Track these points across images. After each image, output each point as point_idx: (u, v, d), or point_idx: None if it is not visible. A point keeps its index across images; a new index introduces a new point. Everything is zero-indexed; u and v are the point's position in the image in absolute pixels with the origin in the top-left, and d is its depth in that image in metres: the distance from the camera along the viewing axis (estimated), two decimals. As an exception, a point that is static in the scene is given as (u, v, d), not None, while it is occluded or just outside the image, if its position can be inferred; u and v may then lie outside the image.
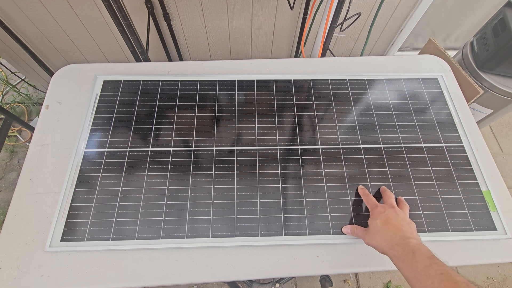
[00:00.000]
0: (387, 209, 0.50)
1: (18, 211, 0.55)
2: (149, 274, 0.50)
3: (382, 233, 0.46)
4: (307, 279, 1.24)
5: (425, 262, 0.38)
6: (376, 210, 0.51)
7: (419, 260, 0.39)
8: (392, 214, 0.49)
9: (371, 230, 0.49)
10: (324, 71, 0.73)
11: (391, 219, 0.48)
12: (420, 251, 0.40)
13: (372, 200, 0.54)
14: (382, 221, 0.48)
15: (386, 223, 0.47)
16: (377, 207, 0.51)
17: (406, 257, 0.41)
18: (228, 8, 1.18)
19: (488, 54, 1.10)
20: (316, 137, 0.64)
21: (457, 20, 1.54)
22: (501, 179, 0.60)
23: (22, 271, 0.50)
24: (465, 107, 0.69)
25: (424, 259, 0.39)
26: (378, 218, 0.49)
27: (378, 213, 0.50)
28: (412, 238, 0.43)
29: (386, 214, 0.49)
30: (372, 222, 0.50)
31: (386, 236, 0.46)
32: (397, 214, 0.49)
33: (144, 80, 0.70)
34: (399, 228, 0.46)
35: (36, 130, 0.63)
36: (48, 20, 1.15)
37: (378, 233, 0.47)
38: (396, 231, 0.45)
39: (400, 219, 0.48)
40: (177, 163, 0.60)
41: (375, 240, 0.47)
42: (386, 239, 0.45)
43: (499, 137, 1.63)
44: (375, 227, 0.48)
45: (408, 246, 0.42)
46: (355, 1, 1.19)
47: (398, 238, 0.44)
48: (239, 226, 0.54)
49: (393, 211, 0.49)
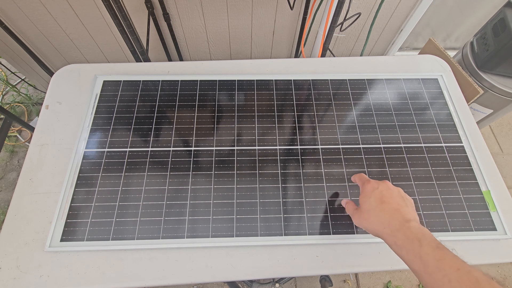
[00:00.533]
0: (380, 184, 0.43)
1: (18, 211, 0.55)
2: (149, 274, 0.50)
3: (377, 214, 0.41)
4: (307, 279, 1.24)
5: (436, 255, 0.33)
6: (369, 185, 0.44)
7: (428, 252, 0.34)
8: (387, 190, 0.42)
9: (363, 210, 0.43)
10: (324, 71, 0.73)
11: (386, 196, 0.41)
12: (426, 239, 0.35)
13: (363, 175, 0.48)
14: (376, 199, 0.42)
15: (381, 202, 0.41)
16: (370, 182, 0.44)
17: (411, 246, 0.35)
18: (228, 8, 1.18)
19: (488, 54, 1.10)
20: (316, 137, 0.64)
21: (457, 20, 1.54)
22: (501, 179, 0.60)
23: (22, 271, 0.50)
24: (465, 107, 0.69)
25: (434, 250, 0.34)
26: (371, 195, 0.42)
27: (371, 189, 0.43)
28: (412, 221, 0.38)
29: (380, 190, 0.42)
30: (364, 200, 0.43)
31: (383, 218, 0.40)
32: (392, 190, 0.43)
33: (144, 80, 0.70)
34: (396, 208, 0.40)
35: (36, 130, 0.63)
36: (48, 20, 1.15)
37: (372, 214, 0.41)
38: (394, 213, 0.40)
39: (396, 195, 0.42)
40: (177, 163, 0.60)
41: (368, 222, 0.42)
42: (382, 222, 0.40)
43: (499, 137, 1.63)
44: (368, 206, 0.42)
45: (411, 233, 0.36)
46: (355, 1, 1.19)
47: (398, 222, 0.38)
48: (239, 226, 0.54)
49: (386, 186, 0.43)
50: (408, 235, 0.36)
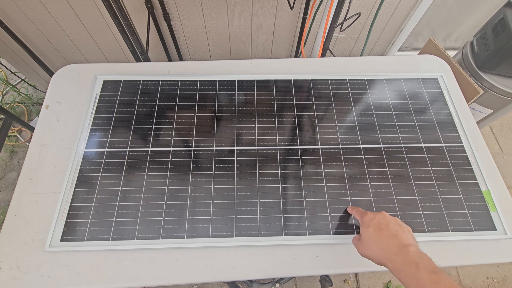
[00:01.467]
0: (377, 215, 0.47)
1: (18, 211, 0.55)
2: (149, 274, 0.50)
3: (377, 242, 0.43)
4: (307, 279, 1.24)
5: (431, 278, 0.35)
6: (366, 217, 0.47)
7: (424, 275, 0.36)
8: (383, 219, 0.45)
9: (364, 239, 0.45)
10: (324, 71, 0.73)
11: (384, 224, 0.44)
12: (423, 263, 0.37)
13: (360, 209, 0.51)
14: (374, 228, 0.44)
15: (379, 230, 0.44)
16: (367, 214, 0.48)
17: (409, 271, 0.37)
18: (228, 8, 1.18)
19: (488, 54, 1.10)
20: (316, 137, 0.64)
21: (457, 20, 1.54)
22: (501, 179, 0.60)
23: (22, 271, 0.50)
24: (465, 107, 0.69)
25: (430, 274, 0.36)
26: (369, 225, 0.45)
27: (368, 220, 0.46)
28: (410, 246, 0.40)
29: (377, 220, 0.45)
30: (364, 231, 0.46)
31: (381, 244, 0.42)
32: (389, 219, 0.45)
33: (144, 80, 0.70)
34: (394, 234, 0.42)
35: (36, 130, 0.63)
36: (48, 20, 1.15)
37: (372, 242, 0.44)
38: (391, 238, 0.42)
39: (393, 223, 0.45)
40: (177, 163, 0.60)
41: (369, 250, 0.44)
42: (382, 248, 0.42)
43: (499, 137, 1.63)
44: (367, 235, 0.45)
45: (409, 257, 0.38)
46: (355, 1, 1.19)
47: (396, 247, 0.41)
48: (239, 226, 0.54)
49: (383, 216, 0.46)
50: (406, 260, 0.39)
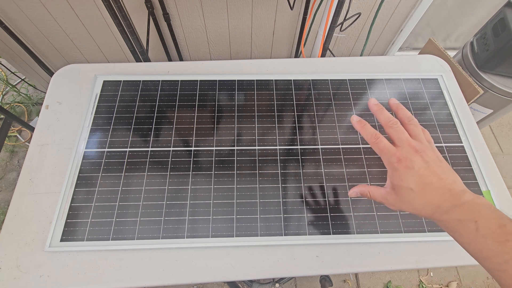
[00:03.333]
0: (411, 159, 0.35)
1: (18, 211, 0.55)
2: (149, 274, 0.50)
3: (422, 199, 0.34)
4: (307, 279, 1.24)
5: (496, 236, 0.29)
6: (401, 165, 0.35)
7: (486, 233, 0.29)
8: (423, 166, 0.34)
9: (403, 196, 0.36)
10: (324, 71, 0.73)
11: (426, 174, 0.34)
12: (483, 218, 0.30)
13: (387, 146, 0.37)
14: (416, 182, 0.34)
15: (423, 184, 0.34)
16: (400, 160, 0.35)
17: (466, 229, 0.31)
18: (228, 8, 1.18)
19: (488, 54, 1.10)
20: (316, 137, 0.64)
21: (457, 20, 1.54)
22: (501, 179, 0.60)
23: (22, 271, 0.50)
24: (465, 107, 0.69)
25: (493, 231, 0.29)
26: (409, 179, 0.35)
27: (405, 169, 0.35)
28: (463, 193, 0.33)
29: (417, 169, 0.34)
30: (400, 184, 0.35)
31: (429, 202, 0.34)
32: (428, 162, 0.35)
33: (144, 80, 0.70)
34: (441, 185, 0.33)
35: (36, 130, 0.63)
36: (48, 20, 1.15)
37: (416, 201, 0.35)
38: (442, 193, 0.33)
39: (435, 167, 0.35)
40: (177, 163, 0.60)
41: (412, 209, 0.35)
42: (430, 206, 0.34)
43: (499, 137, 1.63)
44: (408, 192, 0.35)
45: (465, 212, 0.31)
46: (355, 1, 1.19)
47: (449, 203, 0.33)
48: (239, 226, 0.54)
49: (421, 159, 0.35)
50: (461, 217, 0.31)
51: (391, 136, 0.39)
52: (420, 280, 1.26)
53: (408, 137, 0.37)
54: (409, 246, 0.53)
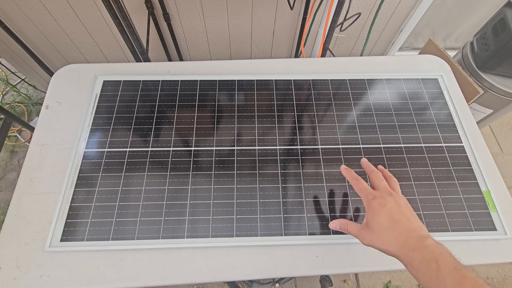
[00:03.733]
0: (386, 199, 0.41)
1: (18, 211, 0.55)
2: (149, 274, 0.50)
3: (391, 234, 0.39)
4: (307, 279, 1.24)
5: (454, 277, 0.32)
6: (375, 202, 0.41)
7: (446, 273, 0.32)
8: (395, 206, 0.40)
9: (374, 229, 0.40)
10: (324, 71, 0.73)
11: (396, 213, 0.40)
12: (444, 259, 0.34)
13: (366, 187, 0.44)
14: (387, 218, 0.39)
15: (393, 221, 0.39)
16: (375, 198, 0.42)
17: (428, 268, 0.34)
18: (228, 8, 1.18)
19: (488, 54, 1.10)
20: (316, 137, 0.64)
21: (457, 20, 1.54)
22: (501, 179, 0.60)
23: (22, 271, 0.50)
24: (465, 107, 0.69)
25: (452, 271, 0.32)
26: (381, 214, 0.40)
27: (379, 206, 0.41)
28: (427, 238, 0.37)
29: (389, 207, 0.40)
30: (373, 219, 0.41)
31: (397, 238, 0.38)
32: (400, 205, 0.41)
33: (144, 80, 0.70)
34: (408, 225, 0.39)
35: (36, 130, 0.63)
36: (48, 20, 1.15)
37: (385, 235, 0.39)
38: (408, 231, 0.38)
39: (405, 209, 0.40)
40: (177, 163, 0.60)
41: (382, 243, 0.40)
42: (398, 242, 0.38)
43: (499, 137, 1.63)
44: (379, 226, 0.40)
45: (428, 253, 0.35)
46: (355, 1, 1.19)
47: (414, 240, 0.37)
48: (239, 226, 0.54)
49: (393, 200, 0.41)
50: (425, 256, 0.35)
51: (372, 181, 0.46)
52: (420, 280, 1.26)
53: (386, 184, 0.44)
54: (409, 246, 0.53)
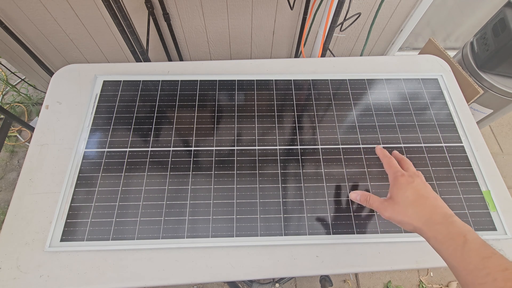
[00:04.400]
0: (415, 178, 0.42)
1: (18, 211, 0.55)
2: (149, 274, 0.50)
3: (416, 208, 0.39)
4: (307, 279, 1.24)
5: (481, 252, 0.31)
6: (403, 178, 0.42)
7: (472, 248, 0.32)
8: (422, 185, 0.42)
9: (399, 202, 0.41)
10: (324, 71, 0.73)
11: (423, 190, 0.41)
12: (471, 236, 0.33)
13: (396, 165, 0.46)
14: (413, 193, 0.40)
15: (420, 196, 0.40)
16: (403, 175, 0.43)
17: (454, 242, 0.34)
18: (228, 8, 1.18)
19: (488, 54, 1.10)
20: (316, 137, 0.64)
21: (457, 20, 1.54)
22: (501, 179, 0.60)
23: (22, 271, 0.50)
24: (465, 107, 0.69)
25: (479, 247, 0.32)
26: (407, 188, 0.41)
27: (406, 182, 0.42)
28: (454, 216, 0.37)
29: (416, 185, 0.41)
30: (399, 193, 0.41)
31: (423, 212, 0.38)
32: (427, 185, 0.42)
33: (144, 80, 0.70)
34: (436, 204, 0.39)
35: (36, 130, 0.63)
36: (48, 20, 1.15)
37: (410, 207, 0.39)
38: (435, 208, 0.38)
39: (430, 190, 0.41)
40: (177, 163, 0.60)
41: (404, 216, 0.39)
42: (423, 215, 0.38)
43: (499, 137, 1.63)
44: (404, 199, 0.40)
45: (455, 228, 0.35)
46: (355, 1, 1.19)
47: (440, 216, 0.37)
48: (239, 226, 0.54)
49: (421, 180, 0.42)
50: (451, 230, 0.35)
51: (402, 165, 0.47)
52: (420, 280, 1.26)
53: (415, 170, 0.46)
54: (409, 246, 0.53)
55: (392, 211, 0.41)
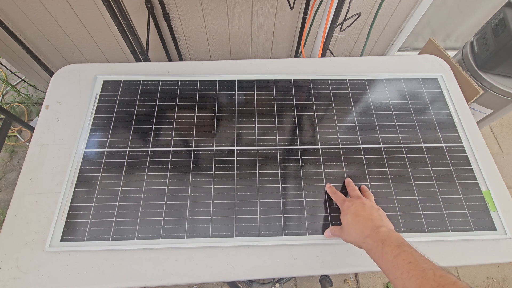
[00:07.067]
0: (354, 201, 0.50)
1: (18, 211, 0.55)
2: (149, 274, 0.50)
3: (354, 227, 0.46)
4: (307, 279, 1.24)
5: (393, 252, 0.38)
6: (345, 205, 0.50)
7: (388, 250, 0.38)
8: (359, 205, 0.48)
9: (344, 226, 0.48)
10: (324, 71, 0.73)
11: (359, 210, 0.47)
12: (389, 240, 0.40)
13: (340, 196, 0.54)
14: (351, 214, 0.47)
15: (356, 216, 0.47)
16: (345, 202, 0.51)
17: (377, 248, 0.40)
18: (228, 8, 1.18)
19: (488, 54, 1.10)
20: (316, 137, 0.64)
21: (457, 20, 1.54)
22: (501, 179, 0.60)
23: (22, 271, 0.50)
24: (465, 107, 0.69)
25: (393, 248, 0.38)
26: (348, 213, 0.48)
27: (346, 207, 0.49)
28: (382, 227, 0.43)
29: (355, 206, 0.48)
30: (343, 218, 0.49)
31: (358, 229, 0.45)
32: (364, 204, 0.48)
33: (144, 80, 0.70)
34: (368, 218, 0.45)
35: (36, 130, 0.63)
36: (48, 20, 1.15)
37: (351, 228, 0.46)
38: (366, 222, 0.45)
39: (368, 208, 0.48)
40: (177, 163, 0.60)
41: (349, 236, 0.46)
42: (358, 232, 0.45)
43: (499, 137, 1.63)
44: (347, 222, 0.47)
45: (378, 236, 0.41)
46: (355, 1, 1.19)
47: (369, 229, 0.43)
48: (239, 226, 0.54)
49: (360, 201, 0.49)
50: (375, 239, 0.41)
51: (349, 193, 0.55)
52: (420, 280, 1.26)
53: (358, 193, 0.53)
54: (409, 246, 0.53)
55: (343, 235, 0.48)
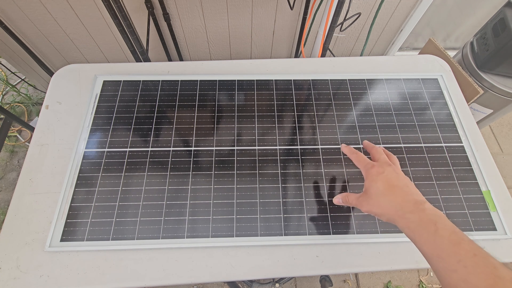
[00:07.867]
0: (385, 168, 0.41)
1: (18, 211, 0.55)
2: (149, 274, 0.50)
3: (388, 198, 0.39)
4: (307, 279, 1.24)
5: (452, 239, 0.32)
6: (373, 170, 0.42)
7: (444, 235, 0.32)
8: (393, 174, 0.41)
9: (372, 195, 0.40)
10: (324, 71, 0.73)
11: (393, 179, 0.40)
12: (442, 222, 0.33)
13: (364, 158, 0.45)
14: (384, 183, 0.40)
15: (391, 186, 0.39)
16: (373, 167, 0.42)
17: (426, 229, 0.34)
18: (228, 8, 1.18)
19: (488, 54, 1.10)
20: (316, 137, 0.64)
21: (457, 20, 1.54)
22: (501, 179, 0.60)
23: (22, 271, 0.50)
24: (465, 107, 0.69)
25: (450, 234, 0.32)
26: (378, 180, 0.40)
27: (376, 174, 0.41)
28: (425, 203, 0.37)
29: (386, 174, 0.40)
30: (371, 185, 0.41)
31: (394, 201, 0.38)
32: (398, 173, 0.41)
33: (144, 80, 0.70)
34: (406, 191, 0.38)
35: (36, 130, 0.63)
36: (48, 20, 1.15)
37: (382, 198, 0.39)
38: (405, 195, 0.38)
39: (402, 178, 0.41)
40: (177, 163, 0.60)
41: (378, 207, 0.39)
42: (394, 205, 0.38)
43: (499, 137, 1.63)
44: (376, 191, 0.40)
45: (426, 215, 0.35)
46: (355, 1, 1.19)
47: (411, 204, 0.37)
48: (239, 226, 0.54)
49: (392, 169, 0.41)
50: (422, 218, 0.35)
51: (373, 155, 0.46)
52: (420, 280, 1.26)
53: (386, 158, 0.45)
54: (409, 246, 0.53)
55: (367, 205, 0.41)
